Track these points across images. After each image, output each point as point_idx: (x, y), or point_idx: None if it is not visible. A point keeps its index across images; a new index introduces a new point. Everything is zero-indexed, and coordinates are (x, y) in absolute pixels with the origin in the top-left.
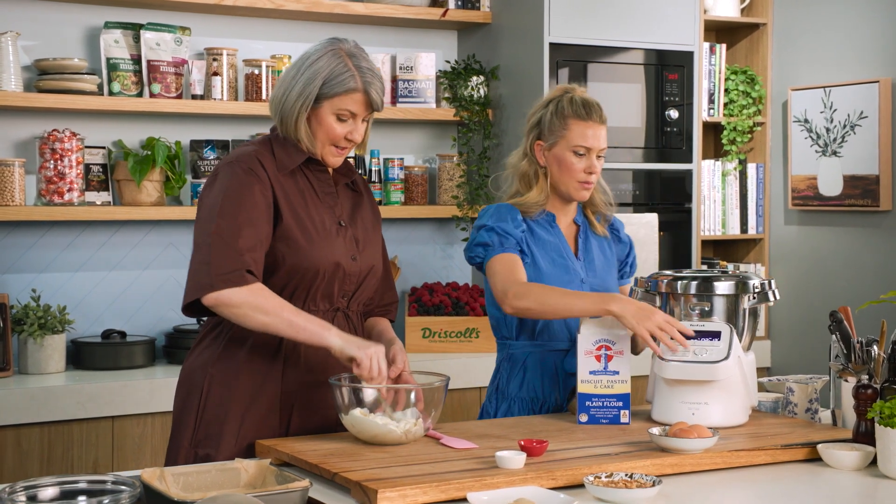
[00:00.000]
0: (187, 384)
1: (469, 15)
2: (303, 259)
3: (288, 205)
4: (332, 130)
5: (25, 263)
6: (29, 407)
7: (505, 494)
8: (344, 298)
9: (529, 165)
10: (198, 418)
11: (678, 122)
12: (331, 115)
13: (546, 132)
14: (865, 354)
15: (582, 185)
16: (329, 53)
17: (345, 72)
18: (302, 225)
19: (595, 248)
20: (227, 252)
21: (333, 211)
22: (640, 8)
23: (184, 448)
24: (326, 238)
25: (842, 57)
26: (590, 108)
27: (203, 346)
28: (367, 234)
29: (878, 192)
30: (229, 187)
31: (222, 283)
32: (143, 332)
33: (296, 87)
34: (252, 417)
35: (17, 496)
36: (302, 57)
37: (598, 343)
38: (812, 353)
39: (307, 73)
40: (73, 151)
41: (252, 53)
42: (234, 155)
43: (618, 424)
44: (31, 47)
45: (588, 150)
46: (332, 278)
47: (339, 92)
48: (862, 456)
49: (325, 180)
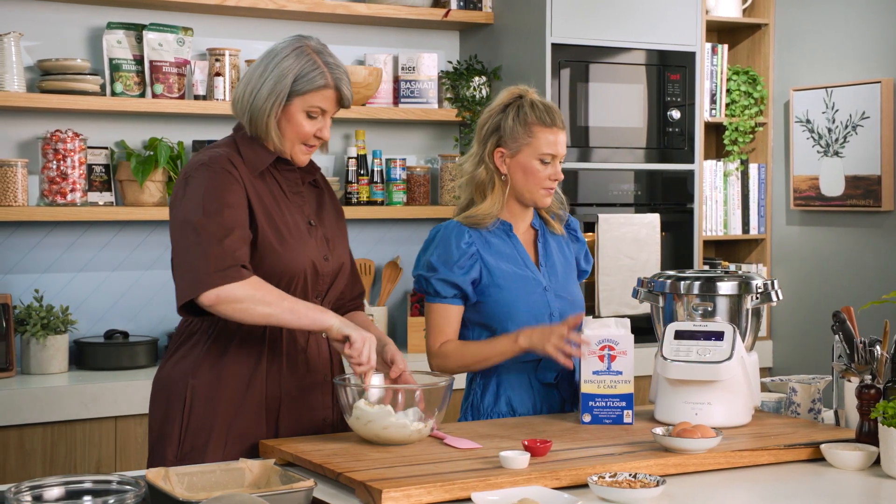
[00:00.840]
0: (166, 394)
1: (471, 15)
2: (278, 262)
3: (261, 207)
4: (301, 128)
5: (28, 264)
6: (32, 407)
7: (509, 494)
8: (317, 298)
9: (486, 173)
10: (182, 430)
11: (680, 123)
12: (300, 113)
13: (508, 139)
14: (868, 354)
15: (547, 191)
16: (296, 51)
17: (315, 69)
18: (275, 227)
19: (555, 251)
20: (219, 250)
21: (303, 210)
22: (642, 8)
23: (168, 462)
24: (300, 240)
25: (843, 57)
26: (553, 115)
27: (180, 354)
28: (334, 231)
29: (880, 192)
30: (209, 187)
31: (220, 279)
32: (146, 333)
33: (265, 85)
34: (239, 425)
35: (22, 496)
36: (268, 55)
37: (602, 343)
38: (814, 353)
39: (276, 71)
40: (76, 152)
41: (254, 54)
42: (206, 157)
43: (621, 424)
44: (33, 48)
45: (553, 157)
46: (307, 279)
47: (311, 89)
48: (865, 456)
49: (292, 180)
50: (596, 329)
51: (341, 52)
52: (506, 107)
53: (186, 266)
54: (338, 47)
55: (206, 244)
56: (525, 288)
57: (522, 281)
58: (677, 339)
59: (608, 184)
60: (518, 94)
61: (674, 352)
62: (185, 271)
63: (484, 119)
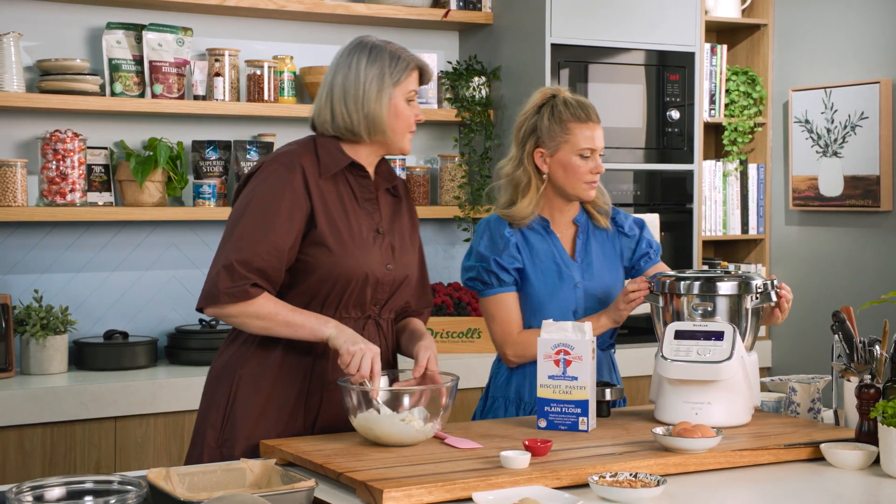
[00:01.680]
0: (215, 384)
1: (470, 16)
2: (335, 267)
3: (324, 211)
4: (407, 116)
5: (28, 264)
6: (31, 407)
7: (510, 494)
8: (376, 307)
9: (523, 174)
10: (225, 418)
11: (679, 123)
12: (402, 102)
13: (546, 139)
14: (868, 354)
15: (589, 185)
16: (373, 49)
17: (395, 56)
18: (336, 232)
19: (595, 248)
20: (235, 268)
21: (372, 218)
22: (642, 9)
23: (209, 447)
24: (361, 246)
25: (842, 58)
26: (587, 110)
27: (236, 345)
28: (403, 241)
29: (879, 192)
30: (261, 191)
31: (227, 298)
32: (145, 333)
33: (369, 88)
34: (279, 419)
35: (23, 496)
36: (346, 63)
37: (557, 347)
38: (812, 353)
39: (371, 71)
40: (76, 152)
41: (254, 54)
42: (276, 154)
43: (576, 431)
44: (33, 48)
45: (592, 151)
46: (364, 287)
47: (405, 76)
48: (865, 455)
49: (366, 186)
50: (552, 332)
51: None
52: (540, 107)
53: (210, 271)
54: (337, 47)
55: (231, 253)
56: (556, 284)
57: (554, 277)
58: (677, 338)
59: (607, 184)
60: (551, 93)
61: (674, 352)
62: (209, 278)
63: (520, 122)
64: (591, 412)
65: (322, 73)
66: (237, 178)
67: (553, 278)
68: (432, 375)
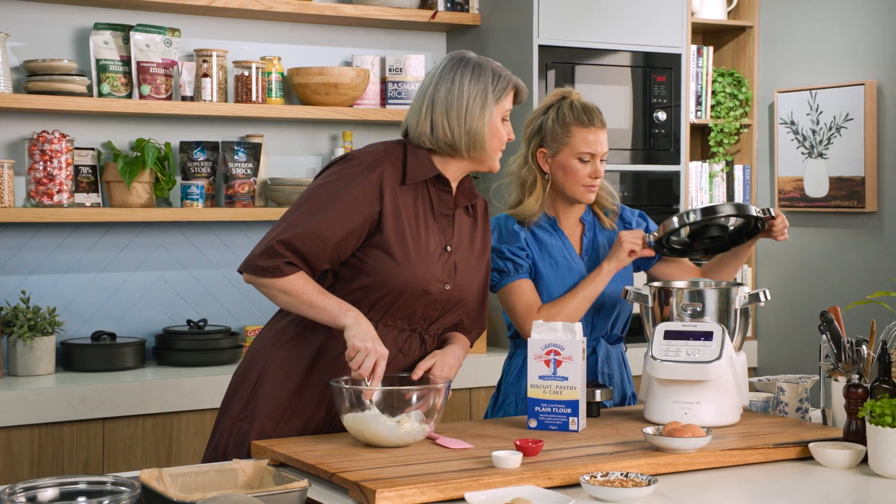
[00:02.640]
0: (249, 359)
1: (458, 17)
2: (393, 276)
3: (395, 218)
4: (502, 135)
5: (15, 265)
6: (19, 409)
7: (502, 494)
8: (425, 321)
9: (529, 173)
10: (251, 394)
11: (666, 124)
12: (499, 120)
13: (549, 140)
14: (855, 354)
15: (587, 188)
16: (474, 66)
17: (496, 75)
18: (403, 242)
19: (602, 246)
20: (276, 245)
21: (444, 234)
22: (628, 10)
23: (230, 419)
24: (425, 260)
25: (828, 59)
26: (591, 114)
27: (279, 326)
28: (469, 262)
29: (864, 193)
30: (330, 183)
31: (260, 271)
32: (133, 334)
33: (471, 107)
34: (304, 409)
35: (16, 497)
36: (447, 78)
37: (548, 348)
38: (799, 353)
39: (474, 88)
40: (63, 153)
41: (242, 55)
42: (361, 151)
43: (566, 431)
44: (20, 48)
45: (592, 155)
46: (418, 301)
47: (504, 95)
48: (853, 454)
49: (446, 200)
50: (543, 333)
51: (329, 53)
52: (548, 108)
53: (266, 237)
54: (325, 48)
55: (276, 233)
56: (565, 278)
57: (564, 271)
58: (667, 339)
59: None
60: (561, 95)
61: (663, 352)
62: (259, 243)
63: (528, 121)
64: (582, 412)
65: (310, 73)
66: (225, 178)
67: (562, 271)
68: (433, 378)
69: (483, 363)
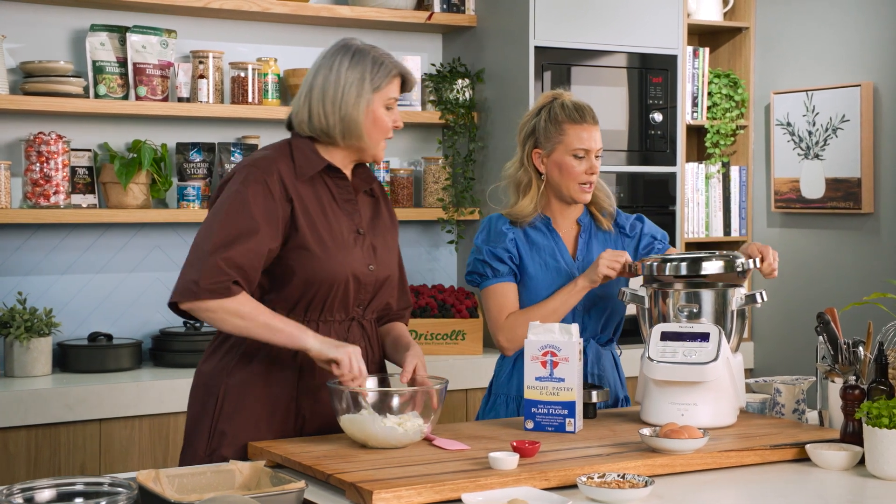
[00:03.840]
0: (203, 390)
1: (454, 18)
2: (318, 270)
3: (304, 214)
4: (384, 123)
5: (11, 266)
6: (16, 410)
7: (499, 495)
8: (359, 308)
9: (524, 175)
10: (213, 426)
11: (662, 126)
12: (381, 108)
13: (542, 139)
14: (852, 355)
15: (583, 186)
16: (356, 52)
17: (380, 62)
18: (318, 235)
19: (597, 249)
20: (217, 263)
21: (352, 219)
22: (625, 12)
23: (199, 456)
24: (343, 248)
25: (824, 61)
26: (583, 111)
27: (222, 352)
28: (384, 241)
29: (860, 194)
30: (237, 193)
31: (207, 293)
32: (130, 335)
33: (348, 92)
34: (268, 425)
35: (14, 498)
36: (327, 65)
37: (544, 349)
38: (795, 354)
39: (351, 75)
40: (59, 154)
41: (238, 56)
42: (253, 159)
43: (563, 433)
44: (16, 49)
45: (587, 151)
46: (347, 288)
47: (385, 83)
48: (850, 456)
49: (344, 187)
50: (539, 334)
51: None
52: (540, 110)
53: (186, 268)
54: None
55: (209, 253)
56: (554, 279)
57: (553, 272)
58: (663, 340)
59: None
60: (552, 97)
61: (660, 353)
62: (183, 273)
63: (522, 123)
64: (578, 413)
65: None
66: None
67: (552, 272)
68: (421, 381)
69: (479, 364)
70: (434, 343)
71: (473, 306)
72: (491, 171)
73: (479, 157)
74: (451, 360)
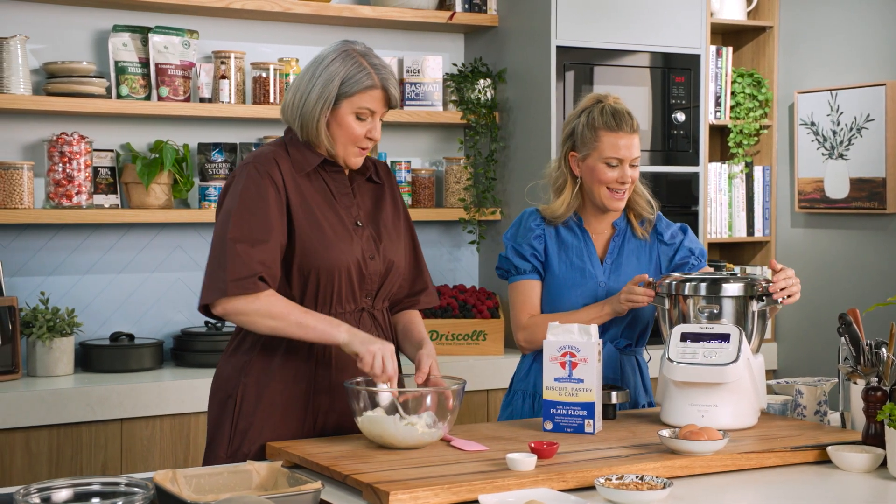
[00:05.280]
0: (221, 393)
1: (476, 18)
2: (319, 262)
3: (303, 207)
4: (352, 130)
5: (34, 266)
6: (38, 409)
7: (516, 496)
8: (368, 298)
9: (560, 175)
10: (233, 428)
11: (685, 125)
12: (350, 115)
13: (579, 143)
14: (875, 357)
15: (612, 194)
16: (342, 55)
17: (361, 70)
18: (317, 227)
19: (629, 254)
20: (241, 259)
21: (350, 212)
22: (647, 11)
23: (220, 459)
24: (342, 240)
25: (848, 60)
26: (620, 119)
27: (239, 353)
28: (388, 229)
29: (885, 194)
30: (246, 190)
31: (235, 289)
32: (151, 335)
33: (313, 90)
34: (286, 423)
35: (31, 498)
36: (315, 61)
37: (563, 350)
38: (818, 355)
39: (324, 75)
40: (82, 154)
41: (260, 56)
42: (252, 156)
43: (582, 434)
44: (39, 50)
45: (620, 160)
46: (351, 279)
47: (358, 90)
48: (872, 458)
49: (340, 181)
50: (559, 335)
51: None
52: (581, 112)
53: (211, 269)
54: None
55: (230, 252)
56: (578, 279)
57: (577, 272)
58: (683, 341)
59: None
60: (597, 99)
61: (680, 354)
62: (208, 274)
63: (564, 124)
64: (597, 414)
65: None
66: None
67: (576, 272)
68: (436, 381)
69: (500, 365)
70: (455, 343)
71: (495, 307)
72: (513, 171)
73: (501, 157)
74: (472, 361)
